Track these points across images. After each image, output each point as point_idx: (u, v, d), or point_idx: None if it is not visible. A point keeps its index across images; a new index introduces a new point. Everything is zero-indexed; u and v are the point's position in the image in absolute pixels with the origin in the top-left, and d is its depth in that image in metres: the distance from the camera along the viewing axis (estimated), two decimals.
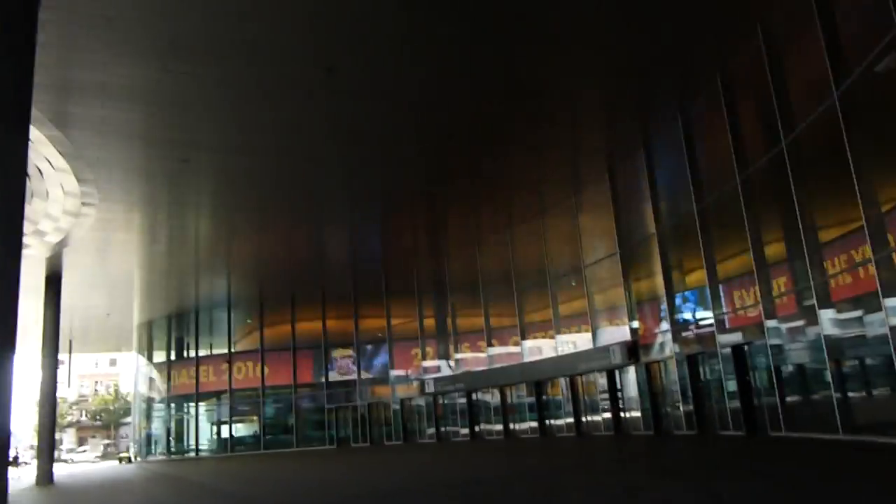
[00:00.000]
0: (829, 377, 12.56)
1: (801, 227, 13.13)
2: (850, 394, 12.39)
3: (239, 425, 35.74)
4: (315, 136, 17.19)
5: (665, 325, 19.15)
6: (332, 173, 19.81)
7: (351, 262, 31.07)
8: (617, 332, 21.62)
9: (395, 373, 31.94)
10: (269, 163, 18.61)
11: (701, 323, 17.78)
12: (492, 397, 27.26)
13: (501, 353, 27.15)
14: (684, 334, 18.42)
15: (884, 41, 9.81)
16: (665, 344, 19.14)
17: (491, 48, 13.73)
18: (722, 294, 16.87)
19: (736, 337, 16.27)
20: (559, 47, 14.06)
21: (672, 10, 13.17)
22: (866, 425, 11.94)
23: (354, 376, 33.66)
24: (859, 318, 12.63)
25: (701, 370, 17.85)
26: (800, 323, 14.08)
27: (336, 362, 34.61)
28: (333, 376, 34.37)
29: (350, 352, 34.26)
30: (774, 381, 14.44)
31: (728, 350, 16.28)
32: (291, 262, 30.29)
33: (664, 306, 19.23)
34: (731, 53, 15.09)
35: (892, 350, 10.64)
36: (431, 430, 29.61)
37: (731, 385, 16.27)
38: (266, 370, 35.64)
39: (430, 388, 29.21)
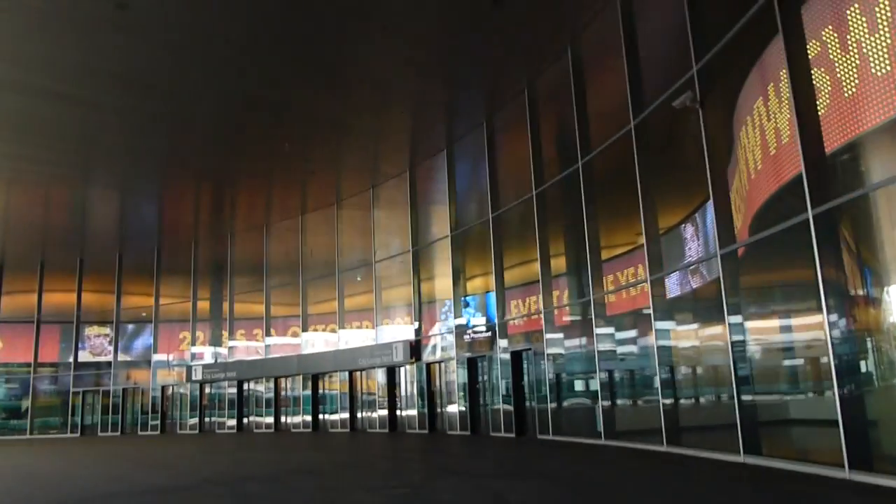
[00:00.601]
0: (597, 386, 13.39)
1: (586, 243, 13.89)
2: (617, 402, 13.29)
3: None
4: (98, 80, 14.93)
5: (449, 327, 19.46)
6: (109, 126, 17.46)
7: (119, 231, 27.97)
8: (400, 331, 21.65)
9: (158, 357, 29.25)
10: (38, 104, 15.92)
11: (483, 327, 18.29)
12: (265, 389, 25.99)
13: (280, 343, 26.03)
14: (466, 337, 18.84)
15: (682, 79, 10.55)
16: (447, 346, 19.45)
17: (301, 18, 12.84)
18: (506, 301, 17.46)
19: (515, 343, 16.90)
20: (370, 31, 13.51)
21: (485, 21, 13.29)
22: (623, 432, 12.88)
23: (109, 357, 30.30)
24: (630, 334, 13.67)
25: (479, 373, 18.36)
26: (576, 334, 14.92)
27: (89, 341, 30.97)
28: (84, 356, 30.69)
29: (107, 330, 30.81)
30: (547, 387, 15.18)
31: (507, 355, 16.86)
32: (45, 223, 26.54)
33: (450, 309, 19.54)
34: (540, 72, 15.67)
35: (657, 364, 11.55)
36: (194, 420, 27.53)
37: (506, 389, 16.89)
38: (0, 344, 31.03)
39: (197, 376, 27.16)
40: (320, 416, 24.15)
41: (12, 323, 31.18)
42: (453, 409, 19.07)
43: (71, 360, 30.55)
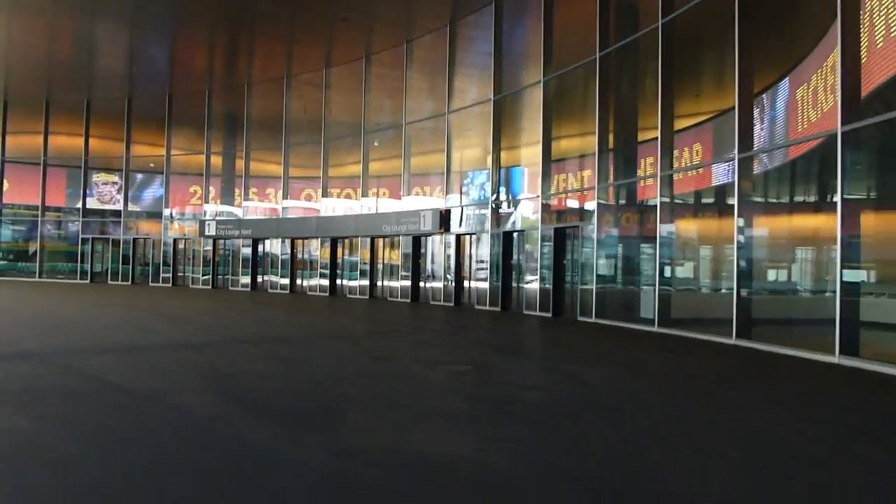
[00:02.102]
0: (653, 270, 12.46)
1: (658, 113, 12.50)
2: (674, 288, 12.40)
3: None
4: None
5: (482, 199, 18.35)
6: None
7: (128, 72, 26.12)
8: (427, 202, 20.57)
9: (170, 209, 28.28)
10: None
11: (523, 201, 17.19)
12: (280, 250, 25.22)
13: (298, 205, 24.99)
14: (503, 211, 17.78)
15: None
16: (480, 218, 18.42)
17: None
18: (551, 174, 16.24)
19: (560, 220, 15.84)
20: None
21: None
22: (680, 320, 12.07)
23: (118, 206, 29.32)
24: (697, 217, 12.59)
25: (514, 249, 17.43)
26: (632, 214, 13.85)
27: (97, 188, 29.87)
28: (92, 203, 29.72)
29: (115, 178, 29.63)
30: (594, 268, 14.26)
31: (549, 232, 15.86)
32: (50, 57, 24.72)
33: (485, 180, 18.36)
34: None
35: (735, 250, 10.53)
36: (206, 276, 26.96)
37: (542, 267, 16.02)
38: (5, 184, 29.99)
39: (210, 231, 26.29)
40: (338, 282, 23.52)
41: (17, 164, 29.99)
42: (482, 284, 18.30)
43: (79, 205, 29.59)
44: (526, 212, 17.09)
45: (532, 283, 16.48)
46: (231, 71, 26.04)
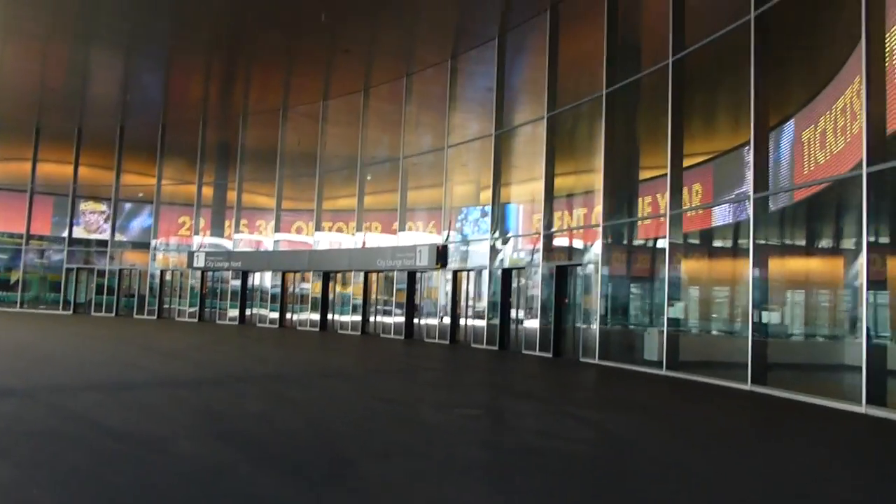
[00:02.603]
0: (663, 311, 12.12)
1: (668, 151, 12.30)
2: (683, 330, 12.05)
3: None
4: None
5: (483, 235, 18.04)
6: None
7: (121, 100, 25.77)
8: (423, 237, 20.25)
9: (158, 240, 27.73)
10: None
11: (525, 237, 16.90)
12: (270, 283, 24.68)
13: (291, 239, 24.54)
14: (502, 247, 17.47)
15: None
16: (478, 254, 18.07)
17: None
18: (552, 212, 15.98)
19: (562, 258, 15.54)
20: None
21: None
22: (689, 364, 11.71)
23: (105, 236, 28.72)
24: (707, 257, 12.33)
25: (513, 287, 17.08)
26: (640, 252, 13.59)
27: (84, 216, 29.30)
28: (79, 232, 29.11)
29: (103, 207, 29.09)
30: (598, 307, 13.89)
31: (548, 270, 15.53)
32: (43, 85, 24.38)
33: (479, 216, 18.10)
34: None
35: (750, 292, 10.22)
36: (193, 309, 26.31)
37: (542, 305, 15.66)
38: None
39: (199, 262, 25.74)
40: (329, 317, 22.98)
41: (3, 190, 29.38)
42: (478, 322, 17.87)
43: (64, 234, 28.96)
44: (526, 249, 16.79)
45: (531, 322, 16.08)
46: (226, 101, 25.80)
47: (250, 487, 4.21)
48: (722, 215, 12.43)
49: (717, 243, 12.67)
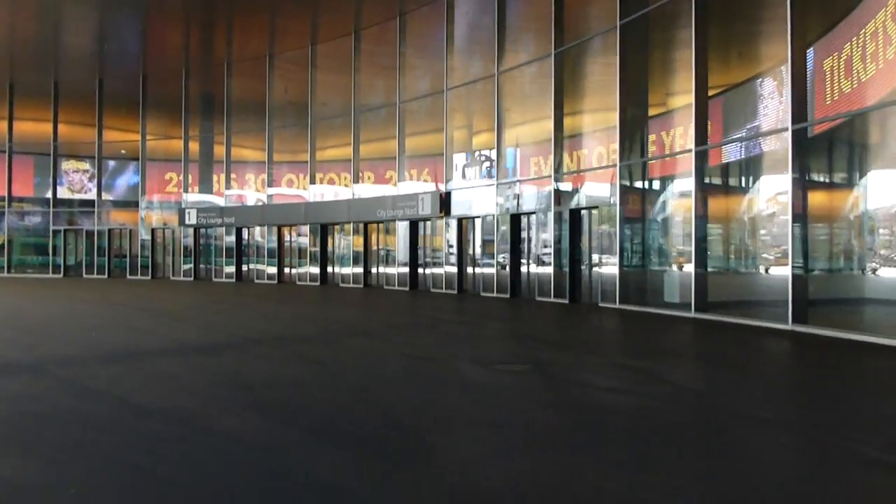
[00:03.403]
0: (690, 248, 11.66)
1: (693, 78, 11.65)
2: (710, 270, 11.62)
3: None
4: None
5: (487, 180, 17.41)
6: None
7: (98, 51, 24.49)
8: (425, 185, 19.57)
9: (147, 198, 26.81)
10: None
11: (533, 180, 16.29)
12: (265, 239, 23.98)
13: (283, 192, 23.74)
14: (509, 192, 16.88)
15: None
16: (486, 200, 17.46)
17: None
18: (564, 151, 15.36)
19: (574, 201, 14.98)
20: None
21: None
22: (721, 304, 11.32)
23: (90, 195, 27.74)
24: (736, 189, 11.81)
25: (524, 232, 16.55)
26: (658, 191, 13.07)
27: (67, 176, 28.24)
28: (63, 192, 28.10)
29: (86, 165, 28.02)
30: (618, 251, 13.42)
31: (565, 213, 14.99)
32: (14, 39, 23.10)
33: (486, 161, 17.46)
34: None
35: (790, 226, 9.75)
36: (187, 266, 25.64)
37: (558, 252, 15.17)
38: None
39: (191, 220, 24.96)
40: (329, 270, 22.42)
41: None
42: (488, 270, 17.39)
43: (48, 195, 27.94)
44: (534, 193, 16.19)
45: (544, 268, 15.62)
46: (209, 49, 24.63)
47: (312, 466, 3.70)
48: (734, 152, 11.92)
49: (732, 181, 12.16)
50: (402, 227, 19.95)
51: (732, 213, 11.75)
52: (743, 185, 11.81)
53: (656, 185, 13.29)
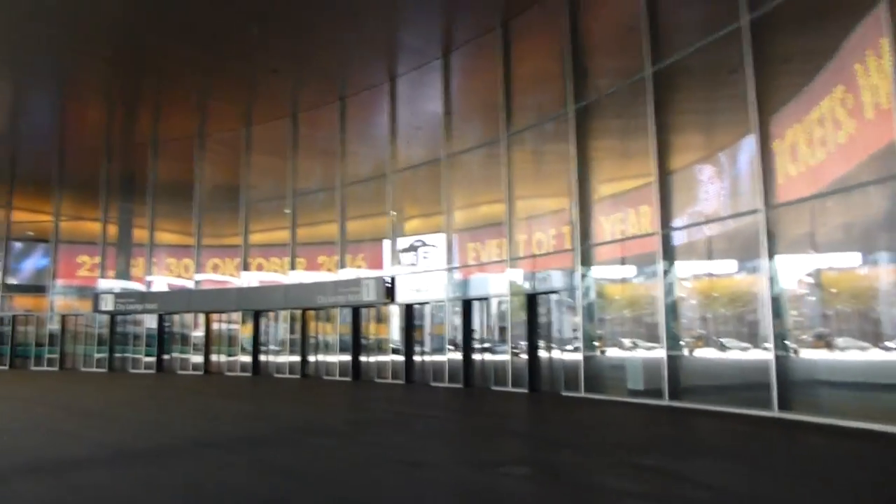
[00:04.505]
0: (660, 332, 11.33)
1: (655, 159, 11.63)
2: (684, 353, 11.29)
3: None
4: None
5: (440, 265, 16.89)
6: None
7: (10, 131, 22.90)
8: (366, 271, 18.87)
9: (58, 282, 24.77)
10: None
11: (489, 264, 15.87)
12: (193, 326, 22.38)
13: (213, 278, 22.37)
14: (460, 277, 16.36)
15: None
16: (435, 285, 16.85)
17: None
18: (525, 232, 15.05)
19: (534, 284, 14.59)
20: None
21: None
22: (694, 389, 10.95)
23: None
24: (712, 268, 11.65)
25: (476, 318, 15.97)
26: (628, 269, 12.84)
27: None
28: None
29: None
30: (582, 334, 12.97)
31: (519, 298, 14.54)
32: None
33: (422, 246, 17.07)
34: None
35: (769, 306, 9.55)
36: (101, 356, 23.50)
37: (515, 337, 14.61)
38: None
39: (107, 306, 23.12)
40: (262, 358, 20.99)
41: None
42: (437, 358, 16.57)
43: None
44: (490, 276, 15.71)
45: (500, 355, 14.99)
46: (132, 127, 23.41)
47: None
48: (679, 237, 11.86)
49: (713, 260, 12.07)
50: (343, 314, 18.98)
51: (704, 295, 11.57)
52: (707, 268, 11.68)
53: (622, 266, 13.05)
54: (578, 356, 12.93)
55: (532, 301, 14.39)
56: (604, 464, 6.69)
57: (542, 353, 14.11)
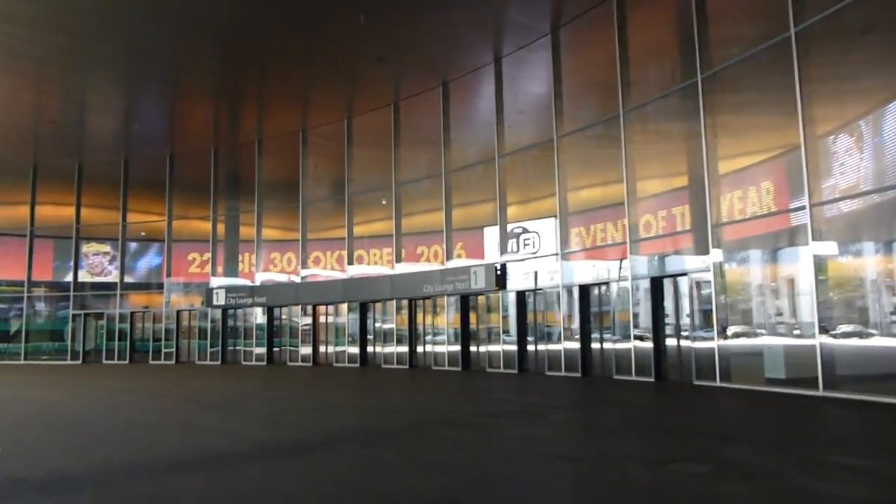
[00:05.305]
0: (812, 316, 10.36)
1: (800, 127, 10.62)
2: (841, 339, 10.28)
3: None
4: None
5: (552, 251, 16.28)
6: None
7: (124, 132, 23.81)
8: (473, 260, 18.47)
9: (171, 279, 25.66)
10: None
11: (607, 247, 15.14)
12: (300, 318, 22.68)
13: (316, 273, 22.55)
14: (575, 262, 15.70)
15: None
16: (548, 272, 16.25)
17: None
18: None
19: (652, 268, 13.78)
20: None
21: None
22: (860, 378, 9.94)
23: (111, 278, 26.62)
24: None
25: (593, 304, 15.28)
26: (759, 255, 11.89)
27: (87, 259, 27.22)
28: (82, 276, 26.99)
29: (107, 248, 27.00)
30: (715, 320, 12.10)
31: (643, 282, 13.77)
32: (39, 122, 22.56)
33: (524, 232, 16.48)
34: None
35: None
36: (214, 349, 24.20)
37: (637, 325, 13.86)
38: None
39: (219, 300, 23.73)
40: (369, 349, 21.00)
41: (3, 236, 27.33)
42: (553, 347, 15.99)
43: (67, 279, 26.84)
44: (606, 262, 14.98)
45: (621, 343, 14.25)
46: (238, 125, 23.93)
47: None
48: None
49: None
50: (451, 303, 18.69)
51: (850, 272, 10.51)
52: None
53: (759, 244, 12.09)
54: (711, 344, 12.07)
55: (657, 285, 13.59)
56: (789, 461, 5.97)
57: (669, 341, 13.31)
